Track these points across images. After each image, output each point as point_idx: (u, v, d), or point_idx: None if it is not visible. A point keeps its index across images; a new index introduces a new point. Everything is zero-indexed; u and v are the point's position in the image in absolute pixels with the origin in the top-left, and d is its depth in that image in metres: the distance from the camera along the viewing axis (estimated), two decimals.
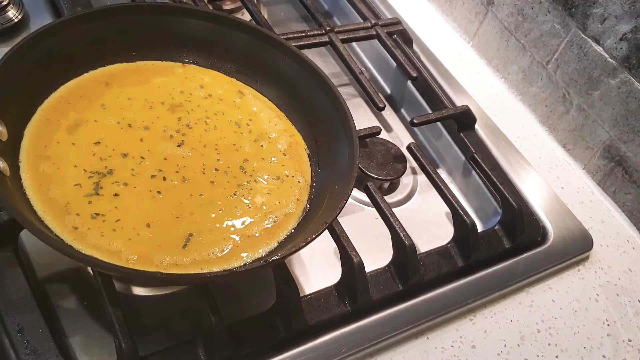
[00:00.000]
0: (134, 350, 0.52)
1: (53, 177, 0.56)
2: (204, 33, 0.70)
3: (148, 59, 0.69)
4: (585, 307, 0.72)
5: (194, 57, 0.71)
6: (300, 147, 0.67)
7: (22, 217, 0.48)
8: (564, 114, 0.90)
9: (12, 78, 0.57)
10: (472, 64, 1.00)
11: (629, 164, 0.82)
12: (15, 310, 0.54)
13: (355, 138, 0.62)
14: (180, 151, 0.62)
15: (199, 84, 0.69)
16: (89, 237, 0.53)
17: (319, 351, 0.59)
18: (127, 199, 0.57)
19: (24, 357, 0.52)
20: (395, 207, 0.78)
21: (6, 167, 0.53)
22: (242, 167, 0.63)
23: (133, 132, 0.62)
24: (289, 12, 1.02)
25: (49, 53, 0.61)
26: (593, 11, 0.82)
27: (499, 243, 0.73)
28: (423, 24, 1.00)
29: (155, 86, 0.67)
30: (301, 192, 0.63)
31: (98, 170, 0.58)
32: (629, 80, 0.79)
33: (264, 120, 0.68)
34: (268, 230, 0.59)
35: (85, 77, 0.65)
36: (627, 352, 0.69)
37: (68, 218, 0.54)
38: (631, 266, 0.79)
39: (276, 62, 0.70)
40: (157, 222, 0.56)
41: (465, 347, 0.65)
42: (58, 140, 0.59)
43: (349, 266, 0.62)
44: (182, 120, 0.65)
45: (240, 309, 0.62)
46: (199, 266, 0.54)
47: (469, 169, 0.82)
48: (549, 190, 0.82)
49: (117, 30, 0.66)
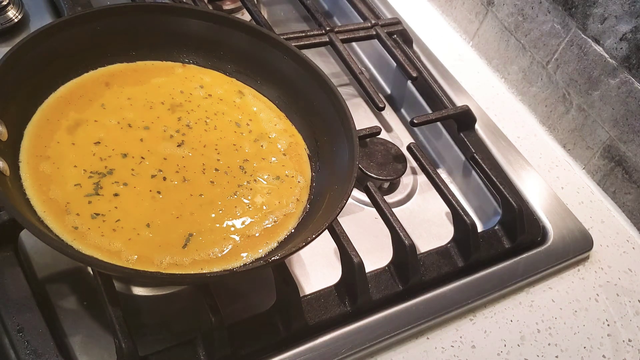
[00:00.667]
0: (134, 350, 0.52)
1: (53, 177, 0.56)
2: (204, 33, 0.70)
3: (148, 59, 0.69)
4: (585, 307, 0.72)
5: (194, 57, 0.71)
6: (300, 147, 0.67)
7: (22, 217, 0.48)
8: (564, 114, 0.90)
9: (12, 78, 0.57)
10: (472, 64, 1.00)
11: (629, 164, 0.82)
12: (15, 310, 0.54)
13: (355, 138, 0.62)
14: (180, 151, 0.62)
15: (199, 84, 0.69)
16: (89, 237, 0.53)
17: (319, 351, 0.59)
18: (127, 199, 0.57)
19: (24, 357, 0.52)
20: (395, 207, 0.78)
21: (6, 167, 0.53)
22: (242, 167, 0.63)
23: (133, 132, 0.62)
24: (289, 12, 1.02)
25: (49, 53, 0.61)
26: (593, 11, 0.82)
27: (499, 243, 0.73)
28: (423, 24, 1.00)
29: (155, 86, 0.67)
30: (301, 192, 0.63)
31: (98, 170, 0.58)
32: (629, 80, 0.79)
33: (264, 120, 0.68)
34: (268, 230, 0.59)
35: (85, 77, 0.65)
36: (627, 352, 0.69)
37: (68, 218, 0.54)
38: (631, 266, 0.79)
39: (276, 62, 0.70)
40: (157, 222, 0.56)
41: (465, 347, 0.65)
42: (58, 140, 0.59)
43: (349, 266, 0.62)
44: (182, 120, 0.65)
45: (240, 309, 0.62)
46: (199, 266, 0.54)
47: (469, 169, 0.82)
48: (549, 190, 0.82)
49: (117, 30, 0.66)
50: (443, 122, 0.85)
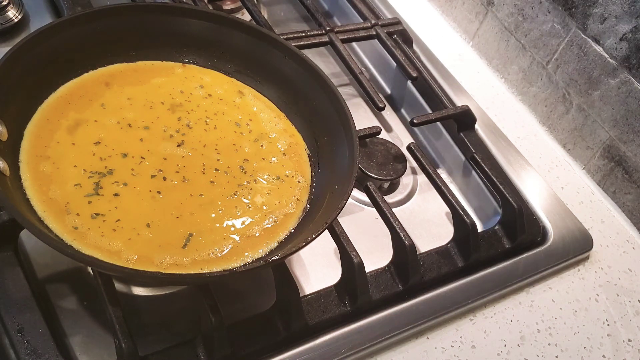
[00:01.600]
0: (134, 350, 0.52)
1: (53, 177, 0.56)
2: (204, 33, 0.70)
3: (148, 59, 0.69)
4: (585, 307, 0.72)
5: (194, 57, 0.71)
6: (300, 147, 0.67)
7: (22, 217, 0.48)
8: (564, 114, 0.90)
9: (12, 78, 0.57)
10: (472, 64, 1.00)
11: (629, 164, 0.82)
12: (15, 310, 0.54)
13: (355, 138, 0.62)
14: (180, 151, 0.62)
15: (199, 84, 0.69)
16: (89, 237, 0.53)
17: (319, 351, 0.59)
18: (127, 199, 0.57)
19: (24, 357, 0.52)
20: (395, 207, 0.78)
21: (6, 167, 0.53)
22: (242, 167, 0.63)
23: (133, 132, 0.62)
24: (289, 12, 1.02)
25: (49, 53, 0.61)
26: (593, 11, 0.82)
27: (499, 243, 0.73)
28: (423, 24, 1.00)
29: (155, 86, 0.67)
30: (301, 192, 0.63)
31: (98, 170, 0.58)
32: (629, 80, 0.79)
33: (264, 120, 0.68)
34: (268, 230, 0.59)
35: (85, 77, 0.65)
36: (627, 352, 0.69)
37: (68, 218, 0.54)
38: (631, 266, 0.79)
39: (276, 62, 0.70)
40: (157, 222, 0.56)
41: (465, 347, 0.65)
42: (58, 140, 0.59)
43: (349, 266, 0.62)
44: (182, 120, 0.65)
45: (240, 309, 0.62)
46: (199, 266, 0.54)
47: (469, 169, 0.82)
48: (549, 190, 0.82)
49: (117, 30, 0.66)
50: (443, 122, 0.85)
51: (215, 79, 0.71)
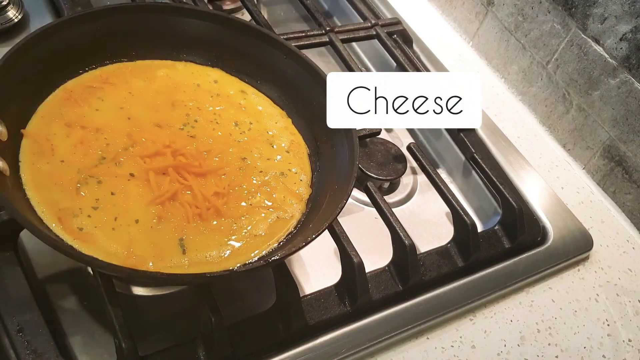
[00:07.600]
0: (134, 350, 0.52)
1: (53, 177, 0.56)
2: (204, 33, 0.70)
3: (148, 58, 0.69)
4: (585, 307, 0.72)
5: (194, 57, 0.71)
6: (300, 147, 0.67)
7: (22, 217, 0.48)
8: (564, 114, 0.90)
9: (12, 78, 0.57)
10: (472, 64, 1.00)
11: (629, 164, 0.82)
12: (15, 310, 0.54)
13: (355, 138, 0.62)
14: (182, 148, 0.62)
15: (200, 82, 0.69)
16: (89, 237, 0.53)
17: (319, 351, 0.59)
18: (128, 198, 0.57)
19: (24, 357, 0.52)
20: (395, 207, 0.78)
21: (6, 167, 0.53)
22: (243, 166, 0.63)
23: (134, 132, 0.62)
24: (289, 12, 1.02)
25: (49, 53, 0.61)
26: (593, 11, 0.82)
27: (499, 243, 0.73)
28: (423, 24, 1.00)
29: (156, 85, 0.67)
30: (302, 191, 0.63)
31: (99, 169, 0.58)
32: (629, 80, 0.79)
33: (265, 118, 0.68)
34: (268, 230, 0.59)
35: (85, 76, 0.65)
36: (627, 352, 0.69)
37: (68, 218, 0.54)
38: (631, 266, 0.79)
39: (276, 62, 0.70)
40: (159, 221, 0.56)
41: (465, 347, 0.65)
42: (58, 140, 0.59)
43: (349, 266, 0.62)
44: (183, 118, 0.65)
45: (240, 309, 0.62)
46: (199, 266, 0.54)
47: (469, 169, 0.82)
48: (549, 190, 0.82)
49: (117, 30, 0.66)
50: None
51: (217, 77, 0.70)
